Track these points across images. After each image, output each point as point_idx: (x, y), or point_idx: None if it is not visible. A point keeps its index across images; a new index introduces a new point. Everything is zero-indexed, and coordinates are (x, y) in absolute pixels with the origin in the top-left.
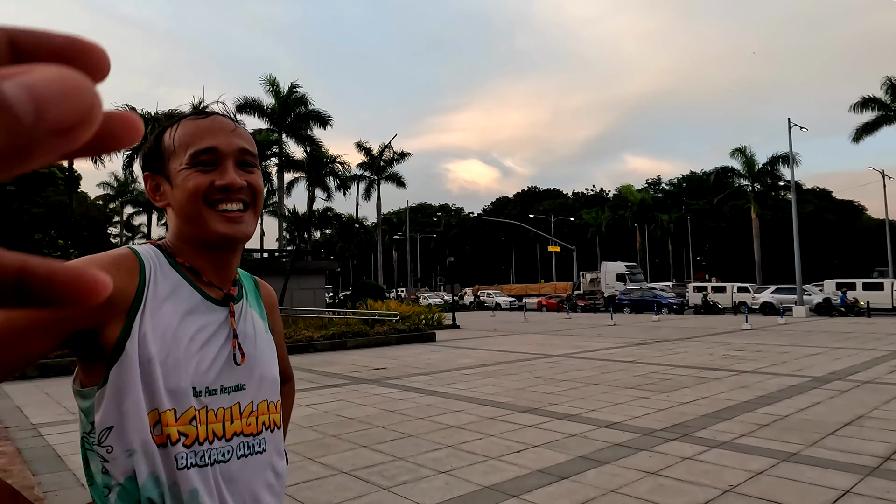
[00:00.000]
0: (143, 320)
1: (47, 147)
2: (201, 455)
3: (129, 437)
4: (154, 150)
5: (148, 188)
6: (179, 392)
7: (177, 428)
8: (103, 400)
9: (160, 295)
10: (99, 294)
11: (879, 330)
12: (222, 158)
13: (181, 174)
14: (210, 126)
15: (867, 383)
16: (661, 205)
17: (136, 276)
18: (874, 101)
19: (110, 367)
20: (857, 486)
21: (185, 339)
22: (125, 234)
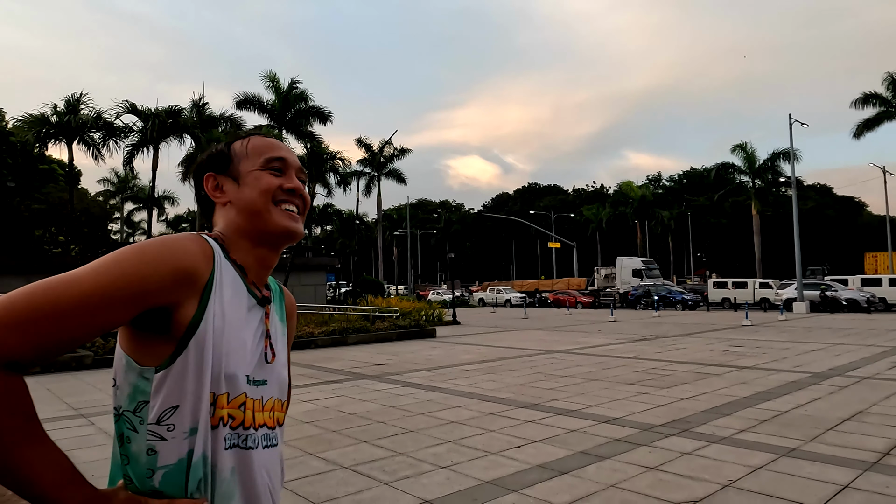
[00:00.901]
0: (214, 303)
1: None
2: (243, 438)
3: (194, 417)
4: (222, 154)
5: (209, 186)
6: (236, 377)
7: (227, 411)
8: (168, 379)
9: (225, 283)
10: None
11: (880, 326)
12: (287, 168)
13: (253, 174)
14: (277, 143)
15: (867, 379)
16: (662, 201)
17: (211, 261)
18: (875, 96)
19: (182, 346)
20: (856, 481)
21: (241, 329)
22: (125, 230)
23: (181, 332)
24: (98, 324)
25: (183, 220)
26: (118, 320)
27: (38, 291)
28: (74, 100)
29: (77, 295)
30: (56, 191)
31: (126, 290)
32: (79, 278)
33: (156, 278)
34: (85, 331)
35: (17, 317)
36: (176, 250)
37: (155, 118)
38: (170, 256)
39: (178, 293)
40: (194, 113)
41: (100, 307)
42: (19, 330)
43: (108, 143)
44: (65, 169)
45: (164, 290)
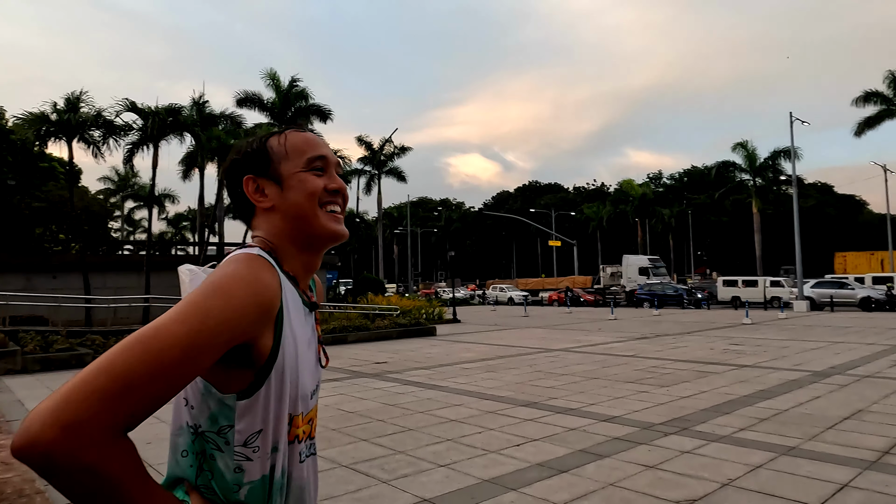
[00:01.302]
0: (287, 330)
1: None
2: (308, 447)
3: (275, 438)
4: (259, 153)
5: (250, 189)
6: (307, 394)
7: (302, 429)
8: (252, 407)
9: (291, 304)
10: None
11: (880, 324)
12: (329, 166)
13: (296, 177)
14: (314, 138)
15: (867, 377)
16: (663, 199)
17: (280, 286)
18: (876, 94)
19: (264, 375)
20: (856, 480)
21: (305, 345)
22: (126, 228)
23: (262, 363)
24: (194, 374)
25: (183, 218)
26: (208, 365)
27: (136, 353)
28: (74, 98)
29: (175, 352)
30: (56, 189)
31: (217, 337)
32: (174, 333)
33: (244, 322)
34: (184, 382)
35: (122, 384)
36: (259, 288)
37: (155, 116)
38: (254, 297)
39: (260, 329)
40: (195, 111)
41: (197, 359)
42: (127, 397)
43: (108, 142)
44: (65, 167)
45: (250, 329)
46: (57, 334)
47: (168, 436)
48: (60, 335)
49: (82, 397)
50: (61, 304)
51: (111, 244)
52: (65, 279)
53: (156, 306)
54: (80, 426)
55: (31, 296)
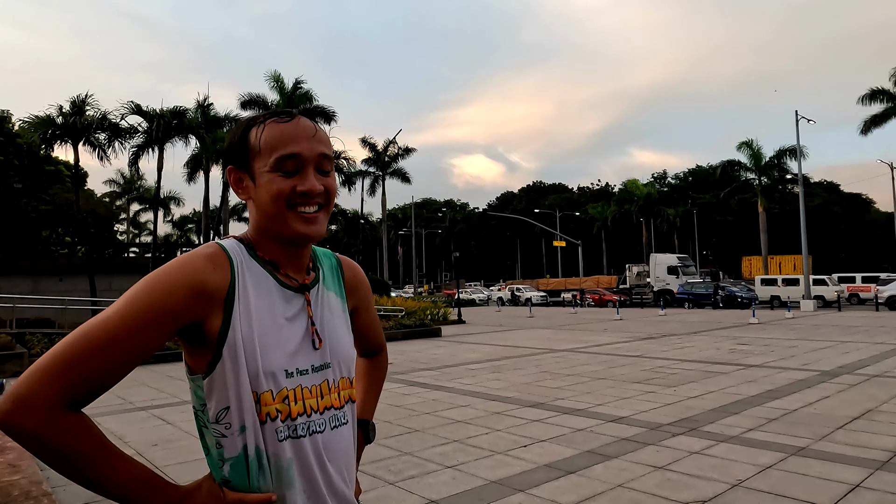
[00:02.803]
0: (239, 310)
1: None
2: (294, 428)
3: (243, 416)
4: (240, 145)
5: (231, 180)
6: (274, 374)
7: (275, 406)
8: (214, 384)
9: (249, 286)
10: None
11: (888, 323)
12: (304, 164)
13: (265, 176)
14: (294, 131)
15: (876, 377)
16: (667, 199)
17: (228, 270)
18: (882, 92)
19: (217, 355)
20: (867, 481)
21: (274, 326)
22: (132, 230)
23: (213, 343)
24: (133, 354)
25: (189, 220)
26: (151, 347)
27: (76, 338)
28: (80, 101)
29: (107, 334)
30: (62, 192)
31: (147, 320)
32: (106, 319)
33: (173, 305)
34: (122, 362)
35: (63, 363)
36: (187, 272)
37: (160, 119)
38: (181, 280)
39: (200, 310)
40: (199, 114)
41: (129, 340)
42: (66, 374)
43: (113, 144)
44: (71, 170)
45: (184, 311)
46: (63, 336)
47: (175, 440)
48: None
49: (31, 375)
50: (68, 306)
51: (117, 247)
52: (71, 282)
53: None
54: (27, 398)
55: (37, 298)
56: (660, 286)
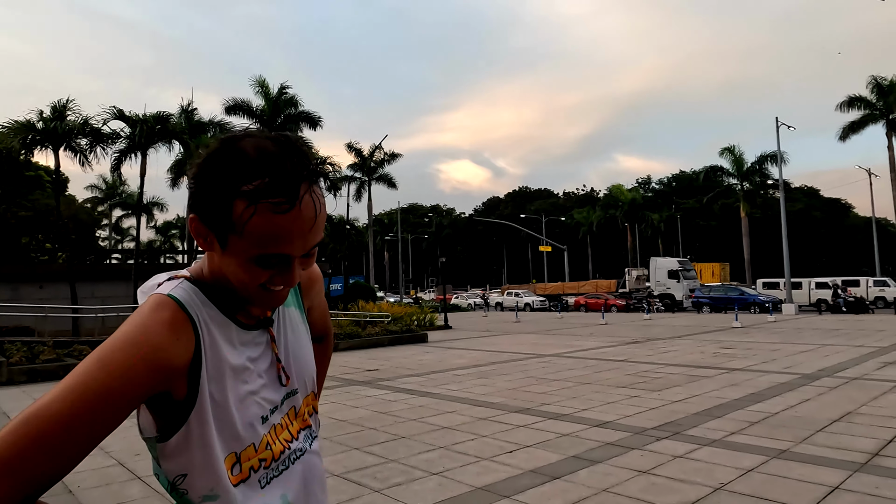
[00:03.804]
0: (206, 374)
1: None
2: (277, 467)
3: (206, 484)
4: (216, 206)
5: (191, 228)
6: (252, 426)
7: (258, 457)
8: (172, 452)
9: (213, 341)
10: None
11: (868, 327)
12: (291, 261)
13: (240, 258)
14: (289, 228)
15: (856, 380)
16: (652, 204)
17: (192, 336)
18: (860, 100)
19: (179, 423)
20: (847, 482)
21: (243, 377)
22: (114, 236)
23: (175, 411)
24: (87, 445)
25: (172, 226)
26: (107, 432)
27: (22, 435)
28: (61, 106)
29: (53, 430)
30: (43, 198)
31: (102, 412)
32: (50, 411)
33: (131, 390)
34: (74, 454)
35: (8, 464)
36: (147, 351)
37: (143, 124)
38: (140, 360)
39: (163, 385)
40: (183, 119)
41: (79, 434)
42: (13, 475)
43: (95, 150)
44: (51, 176)
45: (145, 392)
46: (44, 345)
47: None
48: (47, 346)
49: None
50: (48, 314)
51: (98, 253)
52: (52, 289)
53: None
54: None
55: (17, 306)
56: (660, 290)
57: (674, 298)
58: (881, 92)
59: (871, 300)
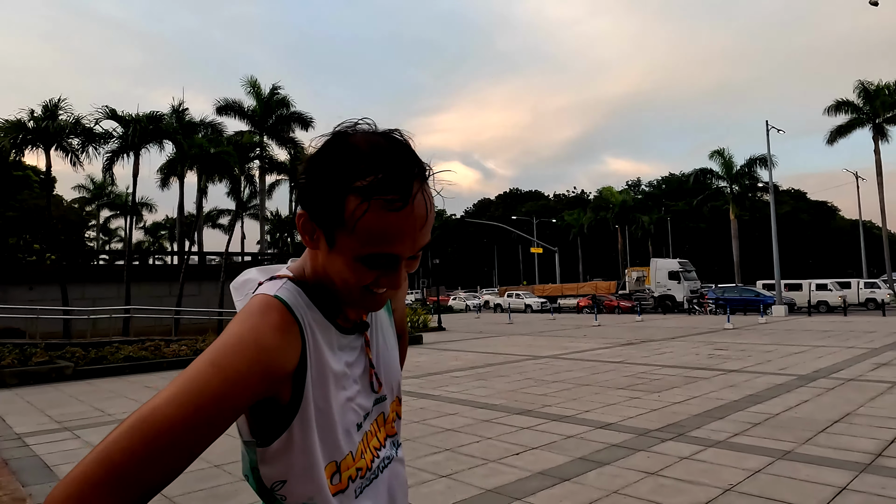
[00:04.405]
0: (311, 379)
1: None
2: (368, 477)
3: (306, 492)
4: (329, 202)
5: (300, 224)
6: (350, 433)
7: (355, 466)
8: (273, 457)
9: (319, 344)
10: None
11: (858, 328)
12: (399, 261)
13: (347, 257)
14: (402, 227)
15: (851, 381)
16: (642, 206)
17: (299, 339)
18: (847, 104)
19: (282, 428)
20: (853, 483)
21: (341, 381)
22: (102, 237)
23: (276, 416)
24: (195, 451)
25: (161, 227)
26: (215, 437)
27: (132, 441)
28: (52, 105)
29: (166, 436)
30: (31, 198)
31: (215, 416)
32: (164, 416)
33: (244, 394)
34: (185, 462)
35: (118, 474)
36: (258, 355)
37: (136, 124)
38: (255, 364)
39: (272, 391)
40: (174, 119)
41: (192, 439)
42: (122, 486)
43: (87, 150)
44: (39, 175)
45: (254, 398)
46: (35, 347)
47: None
48: (39, 348)
49: (81, 490)
50: (40, 315)
51: (86, 254)
52: (41, 290)
53: (137, 317)
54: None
55: (7, 308)
56: (660, 292)
57: (674, 300)
58: (868, 96)
59: (861, 301)
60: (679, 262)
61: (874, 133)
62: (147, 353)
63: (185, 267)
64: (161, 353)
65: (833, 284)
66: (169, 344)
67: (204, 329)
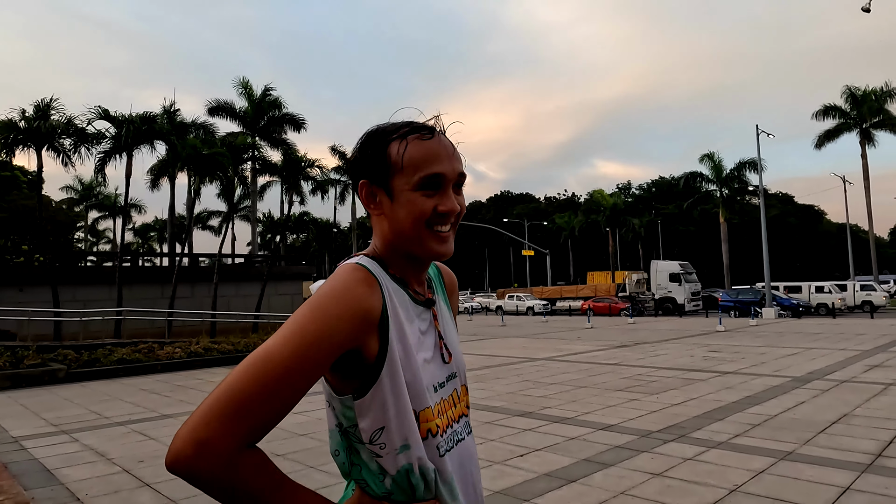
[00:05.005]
0: (394, 331)
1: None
2: (448, 440)
3: (404, 434)
4: (378, 159)
5: (363, 195)
6: (429, 389)
7: (435, 422)
8: (369, 407)
9: (397, 306)
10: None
11: (848, 330)
12: (445, 183)
13: (407, 195)
14: (436, 150)
15: (845, 382)
16: (633, 209)
17: (380, 292)
18: (835, 109)
19: (374, 377)
20: (856, 483)
21: (418, 342)
22: (90, 238)
23: (370, 364)
24: (303, 387)
25: (150, 228)
26: (316, 378)
27: (250, 376)
28: (44, 105)
29: (280, 371)
30: (19, 199)
31: (317, 354)
32: (277, 353)
33: (341, 333)
34: (295, 397)
35: (240, 404)
36: (350, 299)
37: (129, 124)
38: (346, 307)
39: (362, 336)
40: (166, 119)
41: (301, 374)
42: (244, 414)
43: (79, 150)
44: (27, 176)
45: (350, 339)
46: (27, 349)
47: (162, 455)
48: (31, 350)
49: (209, 419)
50: (31, 317)
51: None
52: (32, 292)
53: (129, 319)
54: (210, 444)
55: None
56: (661, 294)
57: (675, 302)
58: (855, 101)
59: (858, 304)
60: (680, 265)
61: (861, 137)
62: (140, 355)
63: (178, 269)
64: (154, 355)
65: (832, 287)
66: (162, 346)
67: (197, 331)
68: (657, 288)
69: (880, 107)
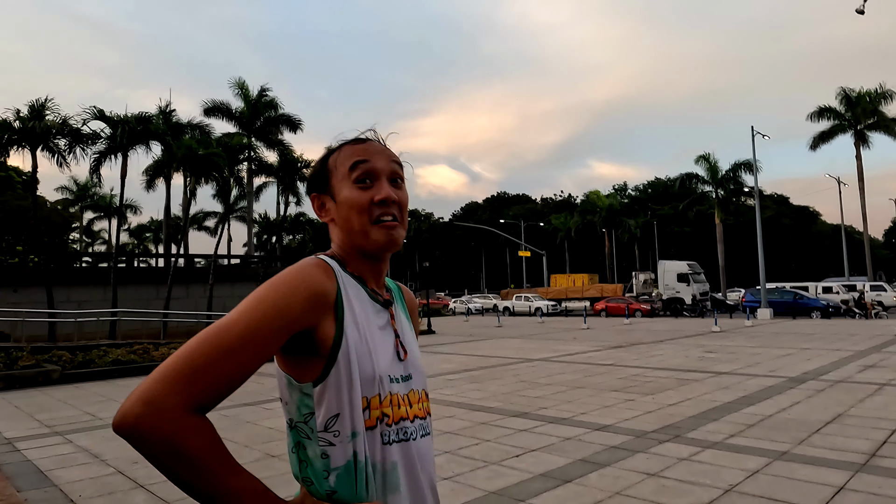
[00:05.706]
0: (348, 316)
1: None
2: (397, 432)
3: (354, 421)
4: (320, 172)
5: (315, 206)
6: (381, 378)
7: (381, 410)
8: (326, 392)
9: (352, 295)
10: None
11: (842, 331)
12: (377, 175)
13: (345, 192)
14: (366, 148)
15: (840, 382)
16: (628, 210)
17: (335, 278)
18: (830, 110)
19: (331, 361)
20: (851, 483)
21: (375, 333)
22: (85, 239)
23: (328, 349)
24: (256, 358)
25: (146, 229)
26: (272, 350)
27: (204, 341)
28: (39, 105)
29: (234, 338)
30: (14, 199)
31: (272, 324)
32: (233, 322)
33: (295, 308)
34: (248, 366)
35: (192, 367)
36: (304, 277)
37: (125, 125)
38: (301, 284)
39: (316, 315)
40: (161, 120)
41: (254, 343)
42: (196, 378)
43: (74, 151)
44: (22, 176)
45: (304, 316)
46: (21, 350)
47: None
48: (25, 351)
49: (161, 378)
50: (26, 318)
51: (70, 256)
52: (26, 293)
53: (124, 320)
54: (159, 401)
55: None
56: (669, 294)
57: (683, 302)
58: (850, 103)
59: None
60: (688, 265)
61: (856, 139)
62: (135, 356)
63: (173, 269)
64: (150, 356)
65: (839, 287)
66: (157, 347)
67: (192, 332)
68: (665, 288)
69: (874, 108)
